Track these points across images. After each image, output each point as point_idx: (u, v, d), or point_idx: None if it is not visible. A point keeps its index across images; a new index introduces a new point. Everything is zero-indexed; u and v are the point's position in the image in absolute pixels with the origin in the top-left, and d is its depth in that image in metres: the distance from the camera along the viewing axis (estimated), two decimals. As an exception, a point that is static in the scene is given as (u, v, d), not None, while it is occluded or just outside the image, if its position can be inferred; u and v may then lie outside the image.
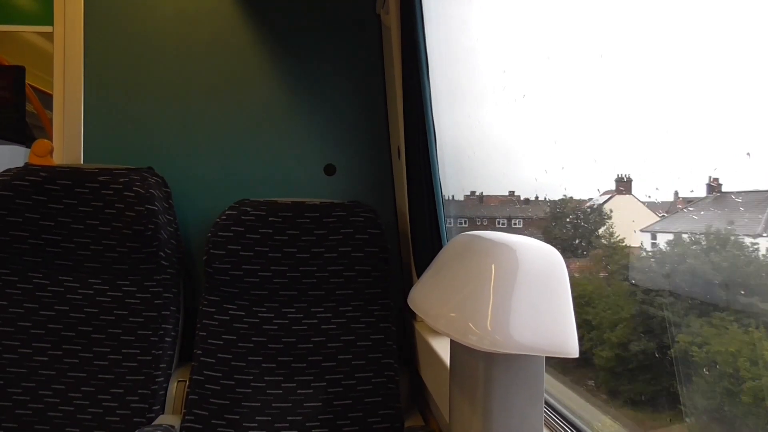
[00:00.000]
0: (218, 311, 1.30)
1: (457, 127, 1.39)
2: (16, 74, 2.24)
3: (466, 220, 1.48)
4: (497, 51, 1.20)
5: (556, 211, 1.10)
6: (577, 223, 1.03)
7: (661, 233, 0.76)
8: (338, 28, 1.60)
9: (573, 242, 1.05)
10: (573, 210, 1.04)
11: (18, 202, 1.30)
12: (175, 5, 1.56)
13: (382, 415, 1.25)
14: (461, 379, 0.65)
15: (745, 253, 0.62)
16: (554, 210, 1.11)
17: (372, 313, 1.33)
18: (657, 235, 0.77)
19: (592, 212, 0.97)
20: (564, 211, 1.07)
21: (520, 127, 1.11)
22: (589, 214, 0.98)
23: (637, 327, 0.83)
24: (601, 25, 0.81)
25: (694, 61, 0.62)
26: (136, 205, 1.30)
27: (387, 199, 1.60)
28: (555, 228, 1.10)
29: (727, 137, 0.59)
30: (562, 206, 1.07)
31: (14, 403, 1.23)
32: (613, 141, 0.80)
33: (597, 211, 0.96)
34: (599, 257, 0.97)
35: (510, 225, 1.29)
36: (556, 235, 1.09)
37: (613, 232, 0.93)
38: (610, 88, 0.79)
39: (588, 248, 1.01)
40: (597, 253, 0.99)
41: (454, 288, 0.60)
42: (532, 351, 0.53)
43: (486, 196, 1.40)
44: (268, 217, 1.32)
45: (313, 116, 1.59)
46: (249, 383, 1.25)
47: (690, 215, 0.68)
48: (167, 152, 1.55)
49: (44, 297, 1.31)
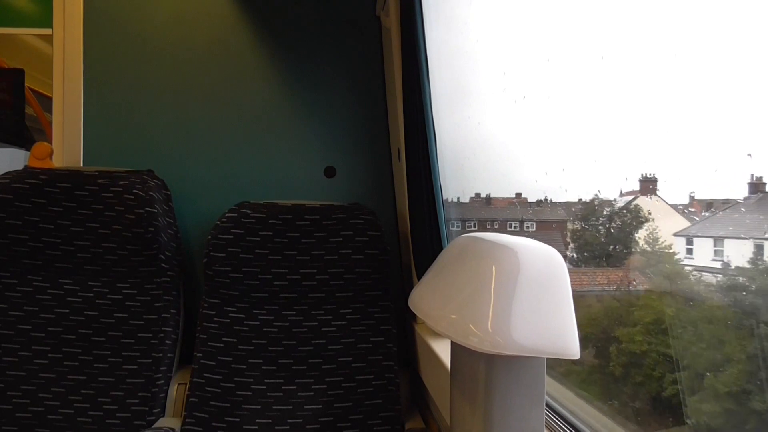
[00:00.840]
0: (218, 314, 1.30)
1: (457, 129, 1.39)
2: (15, 77, 2.24)
3: (476, 223, 1.45)
4: (497, 53, 1.20)
5: (583, 212, 0.99)
6: (611, 226, 0.91)
7: (701, 238, 0.67)
8: (338, 30, 1.60)
9: (607, 248, 0.94)
10: (598, 211, 0.93)
11: (18, 205, 1.30)
12: (174, 8, 1.56)
13: (383, 417, 1.25)
14: (462, 381, 0.65)
15: None
16: (584, 212, 0.98)
17: (372, 316, 1.33)
18: (693, 240, 0.69)
19: (626, 214, 0.85)
20: (594, 213, 0.95)
21: (520, 128, 1.11)
22: (624, 216, 0.86)
23: (756, 372, 0.59)
24: (601, 27, 0.81)
25: (696, 60, 0.62)
26: (136, 208, 1.30)
27: (387, 201, 1.60)
28: (585, 231, 0.98)
29: (728, 137, 0.59)
30: (592, 207, 0.95)
31: (14, 407, 1.23)
32: (624, 140, 0.78)
33: (633, 213, 0.83)
34: (640, 266, 0.84)
35: (522, 228, 1.25)
36: (587, 239, 0.98)
37: (657, 237, 0.80)
38: (611, 89, 0.78)
39: (625, 255, 0.89)
40: (635, 260, 0.86)
41: (454, 290, 0.59)
42: (533, 352, 0.53)
43: (493, 198, 1.37)
44: (268, 219, 1.32)
45: (313, 118, 1.59)
46: (249, 386, 1.25)
47: (733, 217, 0.61)
48: (167, 155, 1.54)
49: (44, 300, 1.31)
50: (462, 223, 1.45)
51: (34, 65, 2.43)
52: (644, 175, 0.76)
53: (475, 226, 1.43)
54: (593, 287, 0.96)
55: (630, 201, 0.83)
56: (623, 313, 0.88)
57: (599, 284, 0.95)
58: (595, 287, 0.96)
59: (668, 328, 0.70)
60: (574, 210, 1.02)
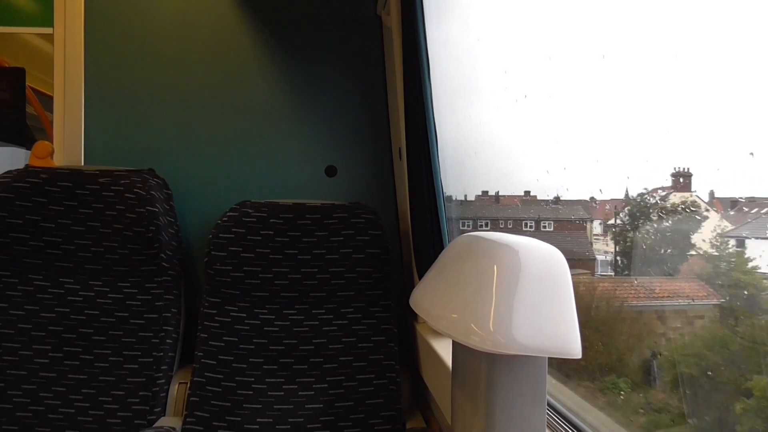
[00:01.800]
0: (219, 313, 1.30)
1: (458, 128, 1.39)
2: (16, 76, 2.24)
3: (488, 222, 1.38)
4: (498, 51, 1.20)
5: (632, 211, 0.83)
6: (661, 226, 0.76)
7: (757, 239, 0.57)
8: (339, 29, 1.60)
9: (660, 252, 0.78)
10: (649, 209, 0.78)
11: (18, 204, 1.30)
12: (175, 7, 1.56)
13: (384, 417, 1.25)
14: (463, 380, 0.65)
15: None
16: (633, 210, 0.83)
17: (373, 315, 1.33)
18: (746, 242, 0.59)
19: (681, 211, 0.71)
20: (644, 210, 0.79)
21: (522, 127, 1.10)
22: (679, 214, 0.72)
23: None
24: (603, 26, 0.80)
25: (697, 59, 0.62)
26: (137, 207, 1.30)
27: (388, 200, 1.60)
28: (638, 234, 0.81)
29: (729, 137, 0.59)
30: (641, 203, 0.79)
31: (15, 406, 1.23)
32: (627, 138, 0.78)
33: (688, 210, 0.71)
34: (705, 274, 0.69)
35: (539, 228, 1.15)
36: (638, 242, 0.82)
37: (725, 240, 0.66)
38: (613, 88, 0.78)
39: (680, 260, 0.74)
40: (696, 266, 0.71)
41: (456, 289, 0.59)
42: (534, 352, 0.53)
43: (502, 197, 1.33)
44: (269, 218, 1.32)
45: (314, 117, 1.59)
46: (250, 385, 1.25)
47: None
48: (168, 154, 1.54)
49: (45, 299, 1.31)
50: (473, 223, 1.42)
51: (35, 64, 2.43)
52: (678, 169, 0.68)
53: (486, 226, 1.39)
54: (652, 301, 0.79)
55: (676, 198, 0.72)
56: (748, 351, 0.60)
57: (659, 297, 0.78)
58: (655, 301, 0.79)
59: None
60: (615, 207, 0.88)
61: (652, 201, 0.76)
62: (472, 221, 1.42)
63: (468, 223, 1.43)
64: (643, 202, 0.78)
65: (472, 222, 1.42)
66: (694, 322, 0.72)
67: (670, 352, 0.74)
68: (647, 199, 0.77)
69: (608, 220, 0.92)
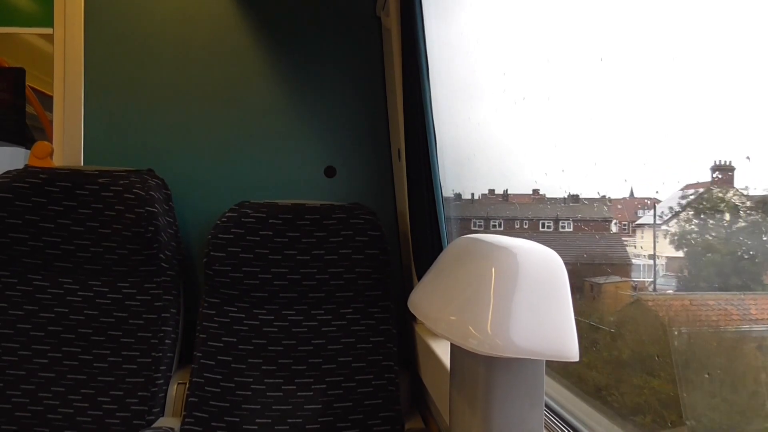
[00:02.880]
0: (218, 313, 1.30)
1: (457, 129, 1.39)
2: (16, 76, 2.24)
3: (501, 222, 1.30)
4: (497, 53, 1.20)
5: (702, 206, 0.66)
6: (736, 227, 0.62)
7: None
8: (338, 30, 1.60)
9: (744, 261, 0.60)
10: (724, 207, 0.63)
11: (18, 204, 1.30)
12: (175, 7, 1.56)
13: (383, 418, 1.25)
14: (461, 382, 0.65)
15: None
16: (703, 204, 0.66)
17: (372, 316, 1.33)
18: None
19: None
20: (717, 208, 0.64)
21: (520, 129, 1.10)
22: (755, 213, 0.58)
23: None
24: (601, 29, 0.80)
25: (695, 62, 0.62)
26: (136, 207, 1.30)
27: (387, 201, 1.60)
28: (711, 235, 0.66)
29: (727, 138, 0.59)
30: (714, 199, 0.64)
31: (14, 406, 1.23)
32: (625, 141, 0.77)
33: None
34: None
35: (558, 227, 1.05)
36: (710, 247, 0.65)
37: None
38: (610, 91, 0.78)
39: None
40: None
41: (454, 291, 0.59)
42: (532, 355, 0.53)
43: (511, 195, 1.25)
44: (268, 219, 1.32)
45: (314, 118, 1.59)
46: (249, 385, 1.25)
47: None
48: (167, 154, 1.55)
49: (44, 299, 1.31)
50: (485, 222, 1.35)
51: (35, 64, 2.42)
52: (718, 163, 0.60)
53: (500, 226, 1.30)
54: (752, 325, 0.60)
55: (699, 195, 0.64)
56: None
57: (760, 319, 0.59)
58: (757, 325, 0.60)
59: None
60: (679, 202, 0.71)
61: (728, 195, 0.62)
62: (484, 221, 1.36)
63: (479, 222, 1.37)
64: (718, 196, 0.63)
65: (484, 222, 1.36)
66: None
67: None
68: (720, 194, 0.63)
69: (633, 220, 0.81)
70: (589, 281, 0.92)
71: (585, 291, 0.92)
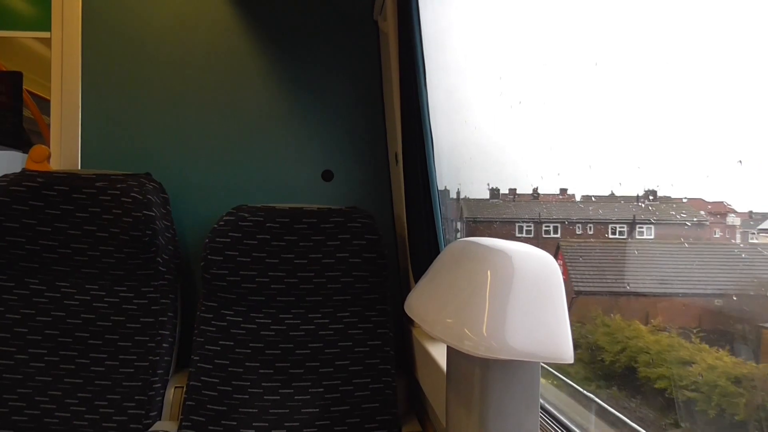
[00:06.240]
0: (216, 317, 1.30)
1: (454, 133, 1.39)
2: (13, 80, 2.24)
3: (532, 225, 1.14)
4: (494, 57, 1.21)
5: None
6: None
7: None
8: (336, 34, 1.60)
9: None
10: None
11: (15, 207, 1.30)
12: (172, 11, 1.57)
13: (380, 421, 1.25)
14: (458, 384, 0.65)
15: None
16: None
17: (369, 319, 1.33)
18: None
19: None
20: None
21: (517, 132, 1.11)
22: None
23: None
24: (596, 34, 0.81)
25: (689, 67, 0.62)
26: (134, 211, 1.30)
27: (384, 204, 1.61)
28: None
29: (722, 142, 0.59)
30: None
31: (10, 410, 1.23)
32: (620, 144, 0.77)
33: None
34: None
35: (632, 230, 0.87)
36: None
37: None
38: (605, 95, 0.79)
39: None
40: None
41: (450, 294, 0.60)
42: (527, 357, 0.53)
43: (519, 195, 1.14)
44: (265, 223, 1.32)
45: (311, 122, 1.60)
46: (246, 389, 1.25)
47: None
48: (165, 158, 1.55)
49: (41, 303, 1.31)
50: (534, 227, 1.18)
51: (33, 68, 2.43)
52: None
53: (555, 231, 1.12)
54: None
55: None
56: None
57: None
58: None
59: None
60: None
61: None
62: (520, 224, 1.15)
63: (528, 226, 1.15)
64: None
65: (534, 225, 1.14)
66: None
67: None
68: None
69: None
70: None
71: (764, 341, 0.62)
